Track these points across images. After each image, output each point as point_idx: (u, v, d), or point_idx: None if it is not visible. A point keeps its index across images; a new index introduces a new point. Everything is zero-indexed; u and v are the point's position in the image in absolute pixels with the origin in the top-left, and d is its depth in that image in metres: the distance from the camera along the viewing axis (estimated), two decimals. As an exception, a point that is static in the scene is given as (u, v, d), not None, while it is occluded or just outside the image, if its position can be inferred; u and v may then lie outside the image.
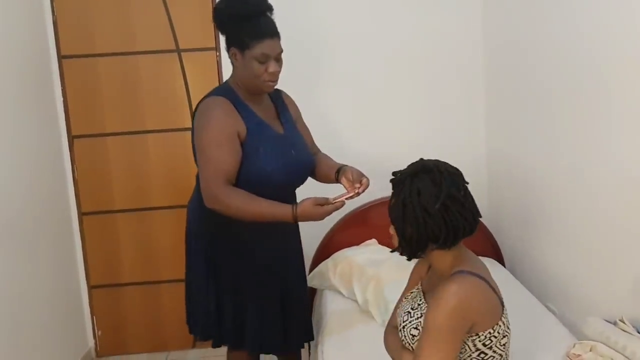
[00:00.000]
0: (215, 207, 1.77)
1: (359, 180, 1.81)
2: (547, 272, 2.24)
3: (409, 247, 1.41)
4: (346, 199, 1.76)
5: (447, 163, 1.42)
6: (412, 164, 1.43)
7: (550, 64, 2.10)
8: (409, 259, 1.46)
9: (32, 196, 2.44)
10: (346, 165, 1.93)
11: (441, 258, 1.41)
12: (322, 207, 1.71)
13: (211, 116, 1.78)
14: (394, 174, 1.43)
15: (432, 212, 1.34)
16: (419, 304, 1.46)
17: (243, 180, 1.79)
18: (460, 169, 1.43)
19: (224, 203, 1.75)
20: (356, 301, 2.24)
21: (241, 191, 1.76)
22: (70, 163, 2.79)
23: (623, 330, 1.61)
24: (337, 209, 1.74)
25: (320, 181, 2.01)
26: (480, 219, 1.42)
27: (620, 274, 1.76)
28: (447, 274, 1.39)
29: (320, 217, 1.73)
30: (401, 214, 1.37)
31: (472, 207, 1.39)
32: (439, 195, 1.34)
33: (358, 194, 1.78)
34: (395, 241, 1.44)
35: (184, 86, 2.79)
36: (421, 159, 1.43)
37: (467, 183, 1.41)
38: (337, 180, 1.91)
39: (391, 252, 1.47)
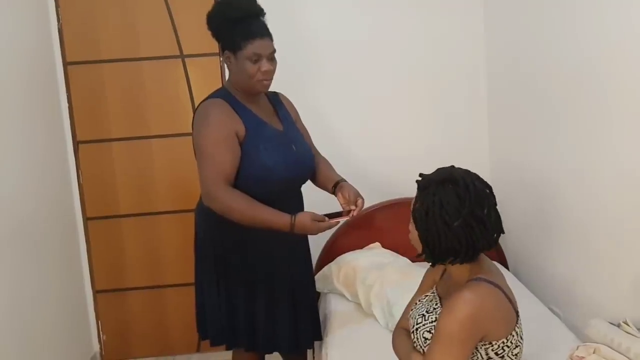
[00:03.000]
0: (212, 206, 1.80)
1: (354, 201, 1.85)
2: (551, 274, 2.24)
3: (432, 255, 1.39)
4: (341, 219, 1.81)
5: (478, 177, 1.38)
6: (441, 169, 1.40)
7: (552, 70, 2.11)
8: (433, 266, 1.46)
9: (37, 201, 2.46)
10: (344, 181, 1.96)
11: (458, 266, 1.40)
12: (318, 223, 1.76)
13: (209, 117, 1.81)
14: (420, 175, 1.41)
15: (452, 227, 1.32)
16: (434, 308, 1.45)
17: (246, 178, 1.81)
18: None
19: (226, 204, 1.77)
20: (360, 304, 2.24)
21: (243, 194, 1.78)
22: (75, 168, 2.81)
23: (627, 332, 1.61)
24: (331, 227, 1.79)
25: (319, 187, 2.03)
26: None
27: (624, 276, 1.76)
28: (463, 281, 1.38)
29: (315, 232, 1.79)
30: (425, 222, 1.35)
31: (494, 226, 1.36)
32: (461, 211, 1.31)
33: (353, 216, 1.83)
34: (413, 238, 1.42)
35: (187, 91, 2.81)
36: (452, 167, 1.40)
37: (495, 203, 1.37)
38: (334, 194, 1.94)
39: (417, 256, 1.44)
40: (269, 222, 1.76)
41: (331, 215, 1.80)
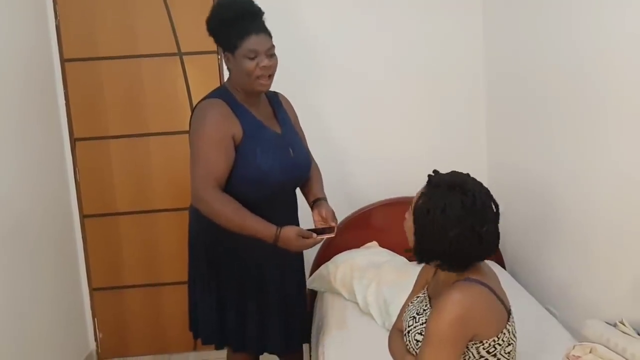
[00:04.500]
0: (199, 208, 1.80)
1: (330, 222, 1.87)
2: (548, 274, 2.24)
3: (420, 253, 1.39)
4: (327, 236, 1.81)
5: (489, 193, 1.37)
6: (457, 173, 1.39)
7: (550, 73, 2.11)
8: (419, 263, 1.45)
9: (34, 199, 2.45)
10: (325, 200, 1.96)
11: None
12: (303, 240, 1.75)
13: (206, 118, 1.80)
14: (434, 171, 1.41)
15: (447, 234, 1.31)
16: (424, 310, 1.46)
17: (241, 180, 1.80)
18: None
19: (213, 207, 1.76)
20: (357, 303, 2.24)
21: (231, 199, 1.77)
22: (72, 165, 2.80)
23: (623, 332, 1.61)
24: (316, 244, 1.80)
25: (302, 194, 2.03)
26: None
27: (621, 276, 1.76)
28: (451, 281, 1.38)
29: (299, 249, 1.79)
30: (424, 220, 1.35)
31: (488, 245, 1.36)
32: (461, 221, 1.31)
33: (332, 230, 1.84)
34: (407, 226, 1.42)
35: (185, 89, 2.80)
36: (467, 174, 1.39)
37: (497, 221, 1.37)
38: (311, 208, 1.95)
39: (406, 250, 1.46)
40: (254, 230, 1.76)
41: (319, 231, 1.80)
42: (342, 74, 2.73)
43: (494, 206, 1.37)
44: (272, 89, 1.94)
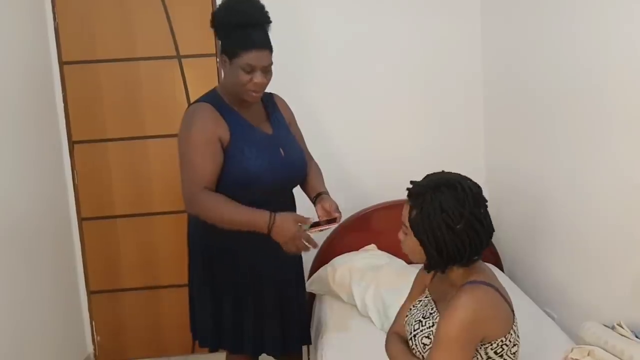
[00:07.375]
0: (193, 212, 1.81)
1: (334, 214, 1.85)
2: (546, 277, 2.25)
3: (440, 260, 1.37)
4: (332, 226, 1.81)
5: (469, 178, 1.39)
6: (432, 175, 1.40)
7: (548, 76, 2.12)
8: (443, 272, 1.43)
9: (32, 201, 2.45)
10: (327, 194, 1.95)
11: (454, 270, 1.40)
12: (301, 229, 1.73)
13: (191, 123, 1.80)
14: (411, 183, 1.40)
15: (456, 230, 1.32)
16: (430, 313, 1.45)
17: (232, 182, 1.80)
18: None
19: (203, 207, 1.76)
20: (355, 306, 2.25)
21: (220, 196, 1.77)
22: (70, 168, 2.80)
23: (621, 335, 1.61)
24: (308, 240, 1.76)
25: (305, 193, 2.02)
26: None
27: (619, 279, 1.77)
28: (459, 284, 1.38)
29: (293, 235, 1.72)
30: (429, 229, 1.34)
31: (489, 226, 1.38)
32: (463, 213, 1.32)
33: (336, 220, 1.81)
34: (407, 246, 1.41)
35: (184, 92, 2.80)
36: (442, 171, 1.41)
37: (487, 201, 1.39)
38: (314, 203, 1.93)
39: (426, 270, 1.44)
40: (247, 218, 1.74)
41: (322, 224, 1.79)
42: (340, 77, 2.74)
43: (479, 189, 1.39)
44: (270, 90, 1.94)
